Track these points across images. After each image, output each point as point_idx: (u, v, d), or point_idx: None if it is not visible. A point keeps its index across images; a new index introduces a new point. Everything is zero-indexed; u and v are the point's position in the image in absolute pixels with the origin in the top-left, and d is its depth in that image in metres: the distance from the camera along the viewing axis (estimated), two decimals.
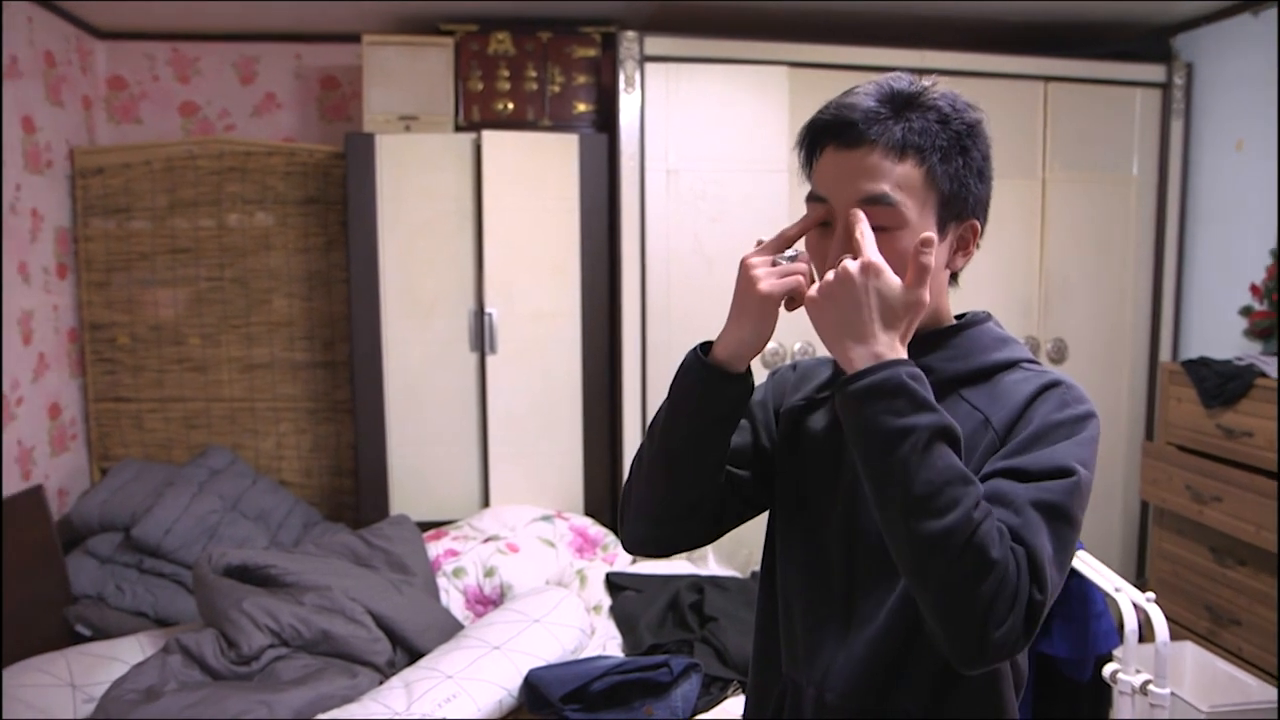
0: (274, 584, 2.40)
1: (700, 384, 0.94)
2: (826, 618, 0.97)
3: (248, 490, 3.09)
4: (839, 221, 0.93)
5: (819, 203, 0.95)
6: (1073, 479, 0.85)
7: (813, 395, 1.07)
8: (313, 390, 3.40)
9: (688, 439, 0.96)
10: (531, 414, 3.08)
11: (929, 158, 0.91)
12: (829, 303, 0.86)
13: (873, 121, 0.91)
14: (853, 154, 0.91)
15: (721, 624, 2.36)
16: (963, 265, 0.99)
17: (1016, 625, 0.79)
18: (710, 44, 2.98)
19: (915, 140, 0.90)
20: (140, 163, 3.27)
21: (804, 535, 1.01)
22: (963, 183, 0.93)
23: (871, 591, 0.95)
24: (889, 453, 0.81)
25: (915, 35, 3.30)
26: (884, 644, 0.93)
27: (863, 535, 0.96)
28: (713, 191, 3.00)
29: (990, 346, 0.98)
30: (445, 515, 3.07)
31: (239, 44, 3.49)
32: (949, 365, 0.97)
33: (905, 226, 0.91)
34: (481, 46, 3.13)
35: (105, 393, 3.34)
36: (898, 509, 0.81)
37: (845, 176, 0.92)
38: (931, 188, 0.92)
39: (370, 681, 2.20)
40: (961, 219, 0.95)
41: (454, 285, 3.06)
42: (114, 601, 2.73)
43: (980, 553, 0.78)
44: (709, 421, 0.95)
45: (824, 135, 0.95)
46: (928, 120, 0.92)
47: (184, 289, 3.33)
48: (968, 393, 0.96)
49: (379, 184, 2.99)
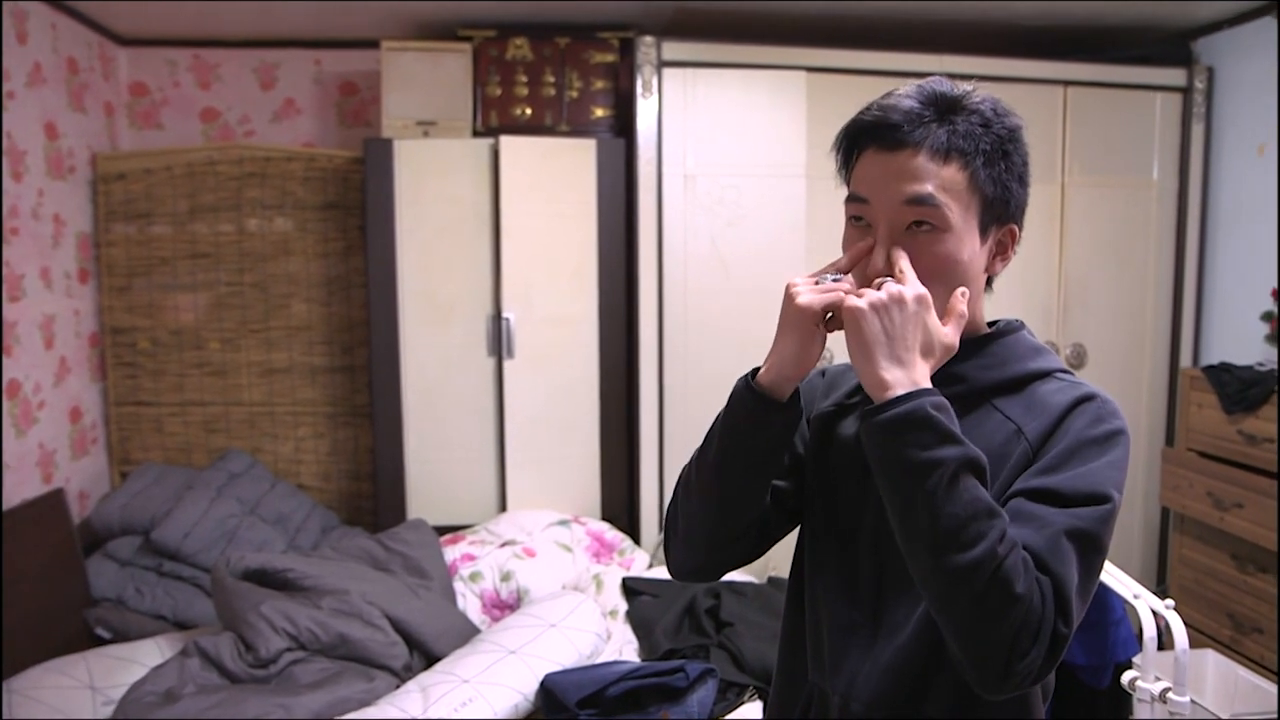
0: (292, 588, 2.41)
1: (750, 414, 0.93)
2: (854, 626, 0.97)
3: (266, 494, 3.10)
4: (881, 224, 0.92)
5: (860, 203, 0.94)
6: (1106, 506, 0.85)
7: (843, 401, 1.06)
8: (331, 394, 3.42)
9: (738, 470, 0.95)
10: (548, 418, 3.09)
11: (973, 161, 0.91)
12: (874, 317, 0.85)
13: (916, 124, 0.90)
14: (896, 156, 0.91)
15: (738, 629, 2.36)
16: (1000, 270, 0.99)
17: (1039, 657, 0.79)
18: (728, 49, 2.98)
19: (960, 144, 0.90)
20: (161, 168, 3.30)
21: (834, 543, 1.01)
22: (1005, 186, 0.93)
23: (900, 601, 0.94)
24: (916, 486, 0.81)
25: (934, 40, 3.29)
26: (911, 653, 0.92)
27: (892, 545, 0.94)
28: (730, 196, 3.00)
29: (1024, 355, 0.98)
30: (462, 519, 3.08)
31: (259, 50, 3.52)
32: (983, 374, 0.97)
33: (949, 229, 0.91)
34: (500, 52, 3.14)
35: (126, 397, 3.36)
36: (923, 541, 0.81)
37: (889, 178, 0.91)
38: (974, 191, 0.91)
39: (387, 685, 2.21)
40: (1002, 223, 0.96)
41: (472, 290, 3.07)
42: (133, 604, 2.75)
43: (1005, 587, 0.78)
44: (760, 452, 0.95)
45: (865, 137, 0.94)
46: (971, 124, 0.91)
47: (204, 294, 3.35)
48: (1000, 402, 0.95)
49: (397, 189, 3.01)
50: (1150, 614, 1.81)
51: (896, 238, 0.91)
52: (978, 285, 0.96)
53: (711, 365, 3.01)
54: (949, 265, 0.91)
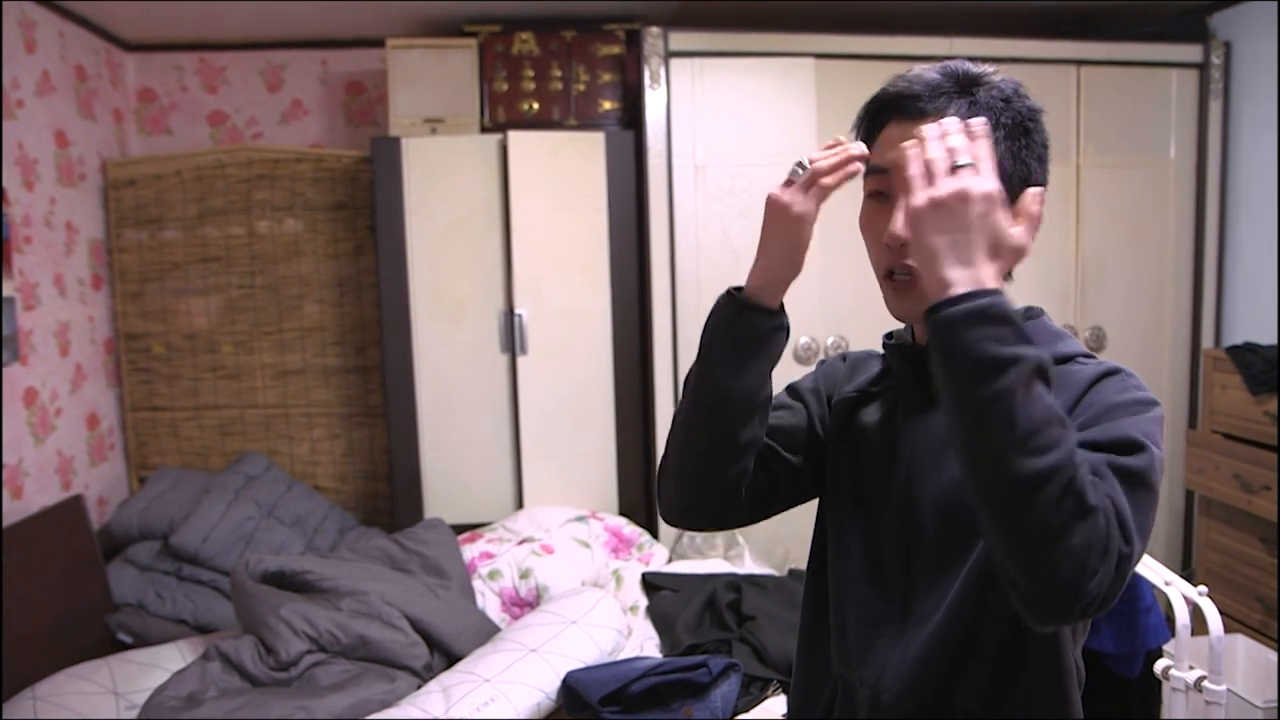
0: (311, 590, 2.41)
1: (733, 318, 0.92)
2: (882, 616, 0.95)
3: (283, 496, 3.10)
4: (897, 195, 0.91)
5: (880, 174, 0.93)
6: (1145, 453, 0.81)
7: (865, 387, 1.05)
8: (345, 395, 3.42)
9: (724, 378, 0.93)
10: (563, 414, 3.07)
11: (993, 133, 0.89)
12: (938, 216, 0.79)
13: (938, 94, 0.91)
14: (918, 125, 0.89)
15: (760, 623, 2.34)
16: None
17: (1108, 576, 0.74)
18: (735, 38, 2.96)
19: (981, 114, 0.89)
20: (171, 173, 3.30)
21: (858, 531, 0.99)
22: (1024, 163, 0.92)
23: (929, 589, 0.92)
24: (991, 382, 0.74)
25: (943, 23, 3.24)
26: (943, 642, 0.90)
27: (920, 532, 0.94)
28: (740, 186, 2.97)
29: (1047, 340, 0.95)
30: (479, 518, 3.07)
31: (265, 52, 3.51)
32: None
33: None
34: (506, 47, 3.12)
35: (142, 402, 3.37)
36: (995, 445, 0.74)
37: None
38: (996, 165, 0.89)
39: (408, 686, 2.20)
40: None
41: (483, 286, 3.06)
42: (154, 609, 2.76)
43: (1080, 497, 0.73)
44: (744, 356, 0.92)
45: (887, 110, 0.94)
46: (992, 97, 0.91)
47: (216, 297, 3.35)
48: None
49: (406, 187, 3.00)
50: (1183, 600, 1.78)
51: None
52: None
53: None
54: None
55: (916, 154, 0.82)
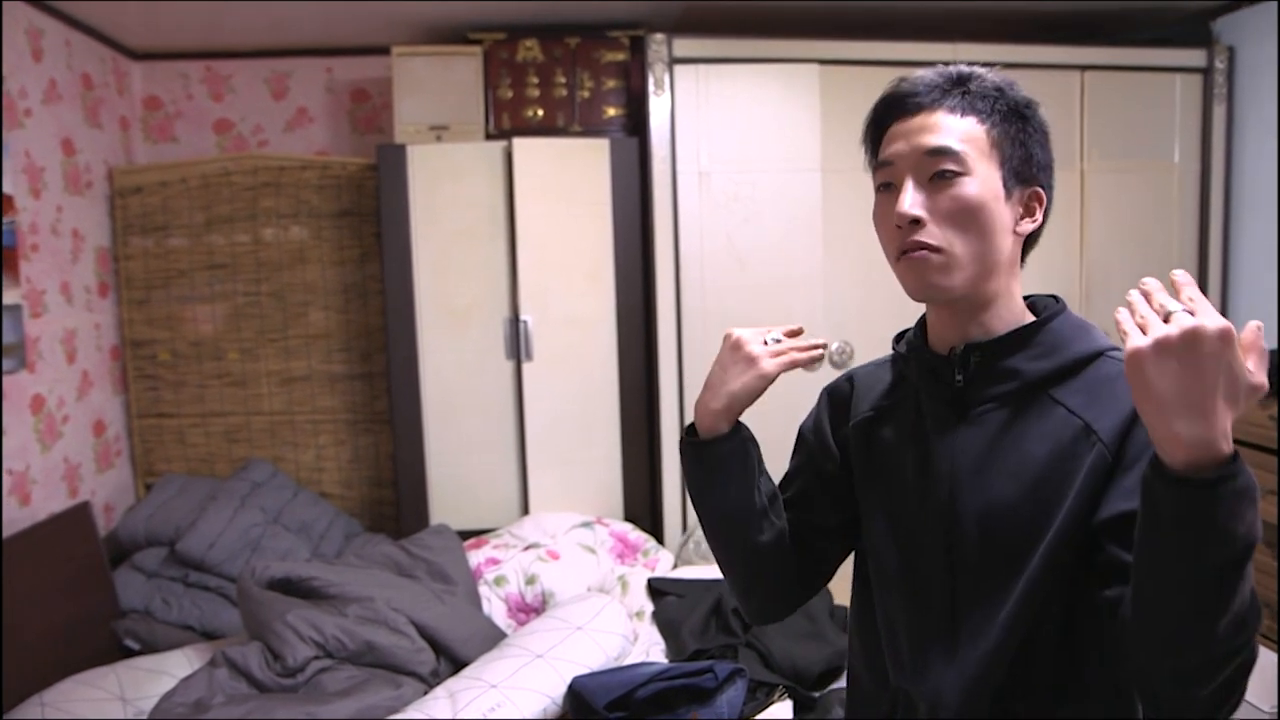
0: (317, 596, 2.41)
1: (697, 458, 1.02)
2: (932, 635, 0.94)
3: (289, 503, 3.11)
4: (905, 177, 0.94)
5: (886, 167, 0.96)
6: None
7: (880, 403, 1.04)
8: (351, 402, 3.43)
9: (716, 506, 1.03)
10: (569, 420, 3.08)
11: (989, 118, 0.93)
12: (1166, 362, 0.70)
13: (933, 89, 0.95)
14: (916, 118, 0.94)
15: (766, 628, 2.33)
16: (1029, 230, 0.97)
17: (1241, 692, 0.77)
18: (739, 44, 2.96)
19: (975, 103, 0.93)
20: (177, 181, 3.31)
21: (896, 552, 0.98)
22: (1024, 145, 0.94)
23: (977, 608, 0.91)
24: (1228, 561, 0.71)
25: (947, 28, 3.25)
26: (1000, 658, 0.89)
27: (963, 554, 0.92)
28: (745, 192, 2.98)
29: (1072, 337, 0.95)
30: (485, 524, 3.07)
31: (270, 60, 3.53)
32: (1035, 365, 0.94)
33: (970, 173, 0.91)
34: (510, 54, 3.13)
35: (148, 409, 3.38)
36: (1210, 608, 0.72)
37: (910, 136, 0.94)
38: (995, 147, 0.93)
39: (415, 692, 2.20)
40: (1026, 183, 0.95)
41: (488, 293, 3.06)
42: (161, 615, 2.76)
43: (1253, 658, 0.76)
44: (722, 481, 1.01)
45: (887, 113, 0.97)
46: (985, 88, 0.95)
47: (222, 304, 3.36)
48: (1059, 393, 0.92)
49: (411, 195, 3.01)
50: None
51: (920, 188, 0.92)
52: (1005, 241, 0.94)
53: None
54: (973, 207, 0.91)
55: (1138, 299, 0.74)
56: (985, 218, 0.91)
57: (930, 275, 0.92)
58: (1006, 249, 0.94)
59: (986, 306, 0.96)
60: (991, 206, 0.92)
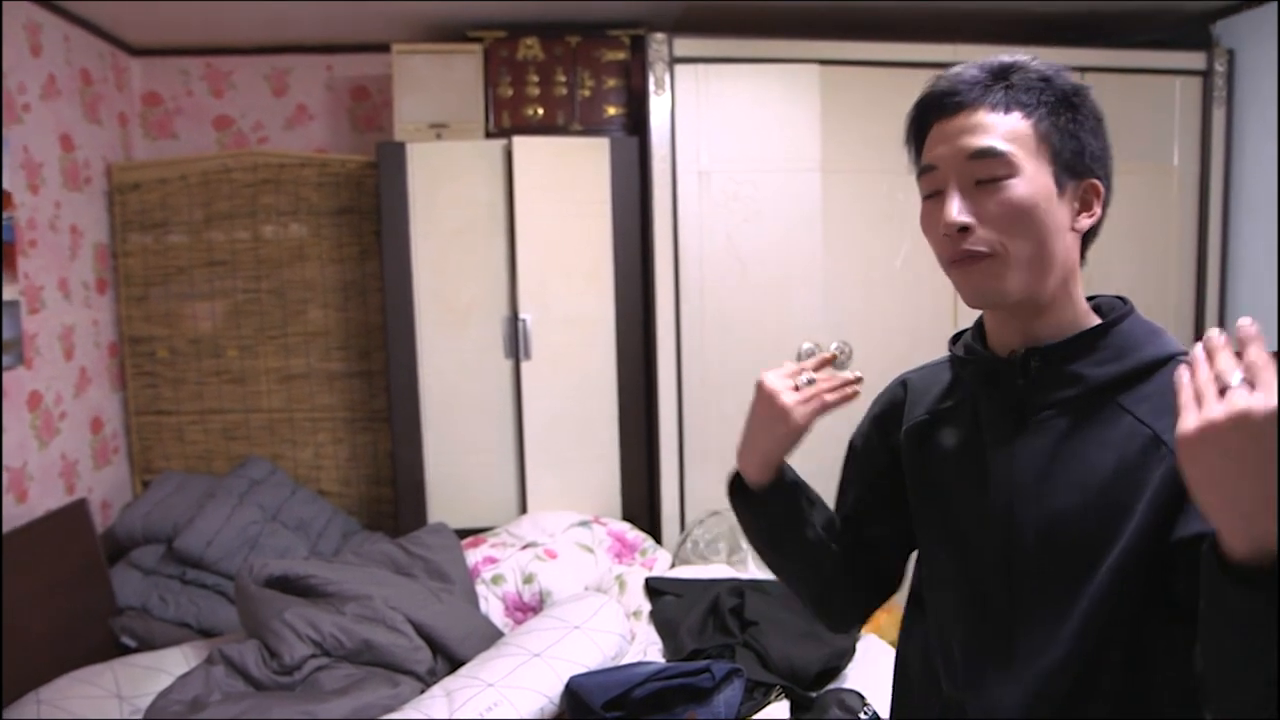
0: (315, 594, 2.41)
1: (749, 515, 1.03)
2: (988, 648, 0.91)
3: (287, 500, 3.11)
4: (949, 184, 0.90)
5: (929, 173, 0.92)
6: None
7: (935, 409, 1.00)
8: (350, 400, 3.42)
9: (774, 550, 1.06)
10: (567, 419, 3.07)
11: (1035, 111, 0.88)
12: (1216, 450, 0.65)
13: (974, 85, 0.90)
14: (957, 118, 0.90)
15: (763, 628, 2.33)
16: (1087, 226, 0.93)
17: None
18: (740, 44, 2.96)
19: (1020, 97, 0.88)
20: (176, 177, 3.31)
21: (952, 560, 0.96)
22: (1075, 137, 0.89)
23: (1038, 622, 0.88)
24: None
25: (947, 29, 3.25)
26: (1063, 676, 0.86)
27: (1022, 565, 0.89)
28: (745, 192, 2.97)
29: (1142, 340, 0.91)
30: (483, 522, 3.07)
31: (270, 57, 3.52)
32: (1100, 370, 0.89)
33: (1017, 174, 0.87)
34: (510, 52, 3.13)
35: (146, 406, 3.38)
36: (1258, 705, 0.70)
37: (952, 138, 0.90)
38: (1043, 142, 0.88)
39: (412, 690, 2.20)
40: (1079, 176, 0.91)
41: (487, 292, 3.06)
42: (158, 613, 2.76)
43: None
44: (779, 534, 1.03)
45: (929, 112, 0.93)
46: (1029, 79, 0.90)
47: (221, 301, 3.36)
48: (1126, 400, 0.87)
49: (411, 193, 3.00)
50: None
51: (967, 193, 0.88)
52: (1062, 240, 0.90)
53: (730, 362, 2.99)
54: (1023, 210, 0.86)
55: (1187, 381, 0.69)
56: (1038, 218, 0.87)
57: (983, 282, 0.89)
58: (1063, 248, 0.90)
59: (1046, 309, 0.92)
60: (1044, 206, 0.88)
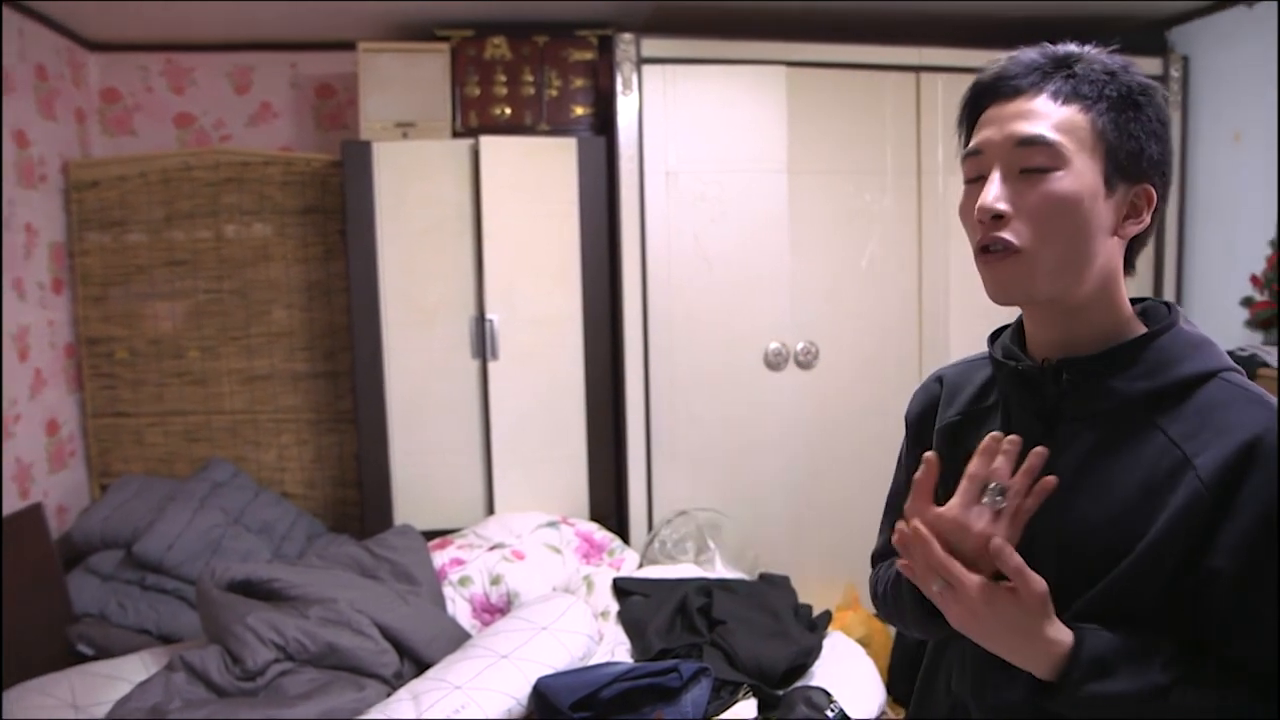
0: (278, 598, 2.37)
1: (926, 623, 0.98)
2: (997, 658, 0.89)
3: (250, 503, 3.06)
4: (992, 169, 0.86)
5: (975, 157, 0.88)
6: None
7: (968, 409, 0.98)
8: (314, 401, 3.38)
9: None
10: (535, 419, 3.06)
11: (1095, 105, 0.84)
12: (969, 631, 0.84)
13: (1034, 71, 0.87)
14: (1012, 103, 0.86)
15: (730, 627, 2.34)
16: (1133, 233, 0.89)
17: None
18: (707, 45, 2.97)
19: (1081, 88, 0.85)
20: (135, 175, 3.25)
21: None
22: (1134, 137, 0.85)
23: None
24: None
25: (911, 32, 3.28)
26: None
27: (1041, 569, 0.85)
28: (712, 193, 2.99)
29: (1183, 354, 0.86)
30: (450, 524, 3.05)
31: (233, 54, 3.47)
32: (1135, 385, 0.85)
33: (1064, 167, 0.83)
34: (478, 52, 3.12)
35: (104, 408, 3.31)
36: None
37: (1003, 123, 0.86)
38: (1099, 138, 0.84)
39: (378, 694, 2.18)
40: (1132, 180, 0.86)
41: (454, 292, 3.04)
42: (116, 619, 2.71)
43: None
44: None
45: (985, 95, 0.90)
46: (1094, 70, 0.86)
47: (182, 301, 3.31)
48: (1163, 419, 0.84)
49: (377, 192, 2.98)
50: None
51: (1008, 181, 0.85)
52: (1102, 244, 0.86)
53: (697, 362, 3.00)
54: (1063, 206, 0.83)
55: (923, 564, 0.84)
56: (1077, 217, 0.83)
57: (1007, 278, 0.85)
58: (1103, 253, 0.86)
59: (1082, 313, 0.87)
60: (1087, 205, 0.83)
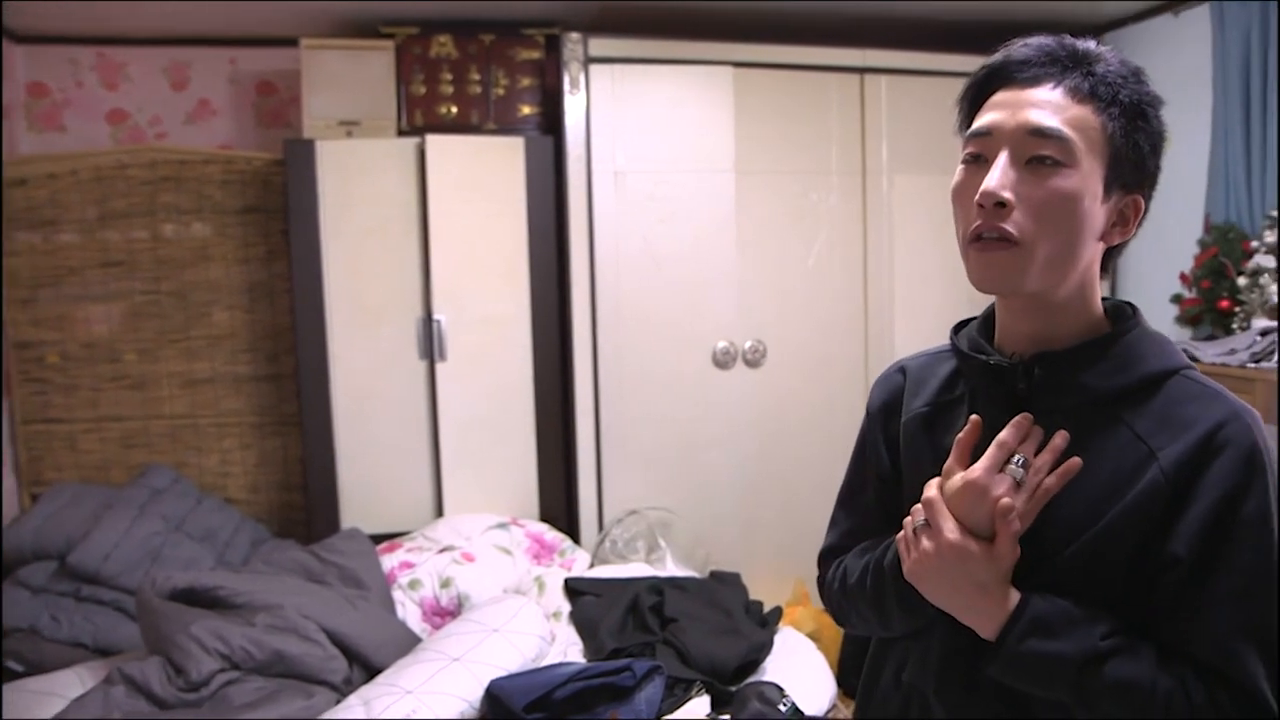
0: (223, 605, 2.32)
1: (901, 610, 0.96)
2: (962, 647, 0.89)
3: (192, 510, 2.99)
4: (1001, 152, 0.85)
5: (981, 138, 0.87)
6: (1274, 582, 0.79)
7: (935, 400, 0.98)
8: (258, 404, 3.31)
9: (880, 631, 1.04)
10: (483, 420, 3.04)
11: (1108, 109, 0.84)
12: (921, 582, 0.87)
13: (1054, 62, 0.86)
14: (1029, 90, 0.85)
15: (682, 624, 2.36)
16: (1118, 241, 0.90)
17: None
18: (655, 45, 2.98)
19: (1099, 89, 0.84)
20: (67, 173, 3.15)
21: None
22: (1138, 147, 0.86)
23: None
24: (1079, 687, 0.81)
25: (857, 34, 3.33)
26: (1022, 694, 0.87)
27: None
28: (661, 192, 3.00)
29: (1148, 352, 0.88)
30: (398, 527, 3.02)
31: (169, 48, 3.38)
32: (1103, 382, 0.87)
33: (1073, 166, 0.83)
34: (423, 49, 3.08)
35: (35, 414, 3.20)
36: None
37: (1018, 108, 0.85)
38: (1106, 142, 0.84)
39: (327, 701, 2.15)
40: (1126, 189, 0.88)
41: (401, 292, 3.01)
42: (49, 633, 2.62)
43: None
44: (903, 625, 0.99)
45: (996, 77, 0.89)
46: (1112, 71, 0.86)
47: (118, 304, 3.21)
48: (1129, 415, 0.86)
49: (321, 191, 2.93)
50: None
51: (1015, 168, 0.84)
52: (1090, 247, 0.87)
53: (646, 361, 3.01)
54: (1067, 204, 0.83)
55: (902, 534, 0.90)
56: (1077, 218, 0.84)
57: (999, 268, 0.85)
58: (1088, 255, 0.87)
59: (1059, 310, 0.89)
60: (1086, 206, 0.84)
